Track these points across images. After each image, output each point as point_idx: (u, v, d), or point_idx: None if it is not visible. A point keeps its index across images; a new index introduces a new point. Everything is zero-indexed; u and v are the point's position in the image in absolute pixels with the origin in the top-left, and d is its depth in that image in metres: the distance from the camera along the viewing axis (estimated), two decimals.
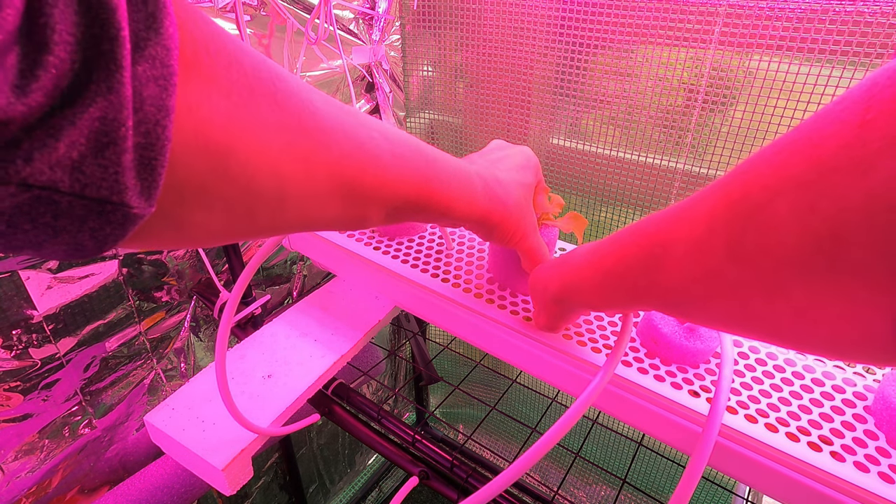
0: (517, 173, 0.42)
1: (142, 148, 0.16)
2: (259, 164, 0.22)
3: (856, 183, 0.16)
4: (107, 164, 0.16)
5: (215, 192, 0.21)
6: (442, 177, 0.33)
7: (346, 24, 0.80)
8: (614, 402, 0.43)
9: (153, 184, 0.17)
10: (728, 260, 0.22)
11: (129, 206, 0.17)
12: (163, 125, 0.17)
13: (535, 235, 0.43)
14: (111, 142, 0.15)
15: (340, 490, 1.24)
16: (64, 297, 0.56)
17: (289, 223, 0.26)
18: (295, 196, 0.24)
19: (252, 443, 0.50)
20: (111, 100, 0.15)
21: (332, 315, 0.66)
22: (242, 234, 0.25)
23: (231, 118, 0.20)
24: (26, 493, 0.58)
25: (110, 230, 0.17)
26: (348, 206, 0.28)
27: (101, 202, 0.16)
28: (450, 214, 0.35)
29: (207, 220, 0.22)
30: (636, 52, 0.65)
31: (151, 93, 0.16)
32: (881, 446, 0.37)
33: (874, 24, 0.51)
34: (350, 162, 0.27)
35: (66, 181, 0.15)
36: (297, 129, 0.23)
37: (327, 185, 0.26)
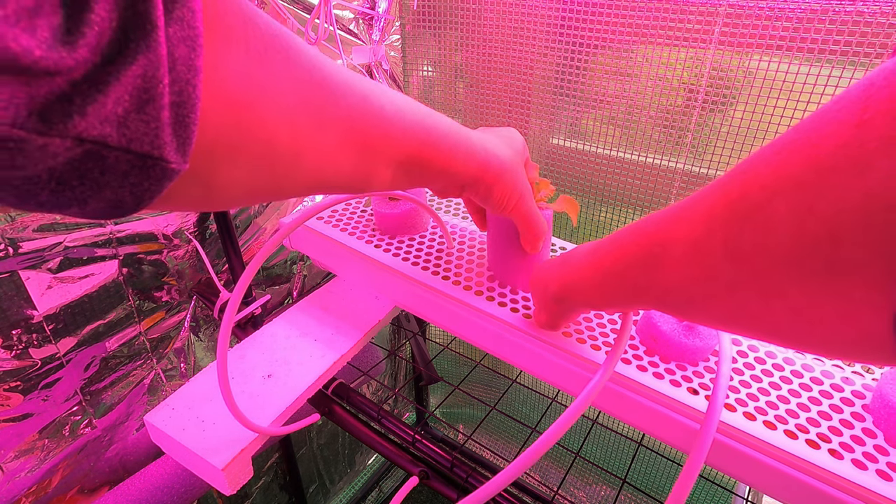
0: (506, 140, 0.43)
1: (176, 106, 0.17)
2: (277, 119, 0.23)
3: (853, 183, 0.16)
4: (148, 120, 0.16)
5: (239, 147, 0.22)
6: (441, 131, 0.34)
7: (346, 24, 0.80)
8: (613, 399, 0.44)
9: (187, 140, 0.18)
10: (726, 260, 0.22)
11: (168, 160, 0.18)
12: (193, 84, 0.18)
13: (531, 199, 0.44)
14: (151, 98, 0.16)
15: (340, 490, 1.24)
16: (64, 297, 0.56)
17: (305, 182, 0.27)
18: (310, 151, 0.25)
19: (252, 442, 0.50)
20: (150, 58, 0.16)
21: (332, 315, 0.66)
22: (264, 193, 0.26)
23: (250, 75, 0.21)
24: (26, 492, 0.58)
25: (148, 185, 0.18)
26: (358, 162, 0.29)
27: (143, 157, 0.17)
28: (450, 170, 0.36)
29: (233, 178, 0.23)
30: (636, 52, 0.65)
31: (182, 53, 0.17)
32: (879, 444, 0.37)
33: (874, 24, 0.51)
34: (358, 115, 0.28)
35: (115, 135, 0.16)
36: (308, 83, 0.24)
37: (338, 138, 0.27)
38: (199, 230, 0.69)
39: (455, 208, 0.69)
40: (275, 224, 0.79)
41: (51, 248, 0.53)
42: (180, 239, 0.67)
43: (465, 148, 0.37)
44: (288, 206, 0.80)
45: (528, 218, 0.44)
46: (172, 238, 0.66)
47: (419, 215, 0.61)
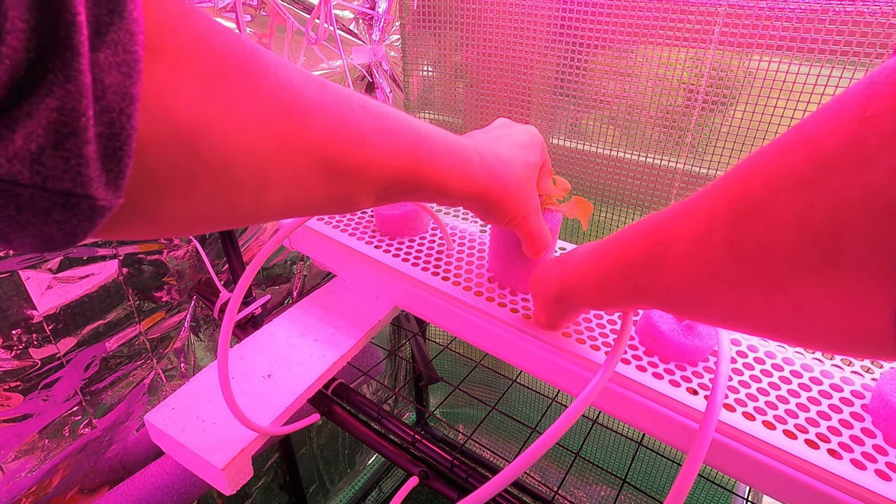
0: (520, 151, 0.40)
1: (106, 138, 0.16)
2: (234, 148, 0.21)
3: (855, 179, 0.16)
4: (68, 156, 0.15)
5: (190, 179, 0.20)
6: (433, 153, 0.32)
7: (346, 24, 0.80)
8: (612, 399, 0.44)
9: (119, 174, 0.17)
10: (728, 257, 0.22)
11: (95, 197, 0.16)
12: (128, 114, 0.16)
13: (537, 217, 0.42)
14: (71, 132, 0.15)
15: (340, 490, 1.24)
16: (64, 297, 0.56)
17: (273, 209, 0.25)
18: (276, 179, 0.24)
19: (252, 442, 0.50)
20: (69, 89, 0.15)
21: (332, 315, 0.66)
22: (225, 221, 0.24)
23: (201, 100, 0.19)
24: (26, 492, 0.58)
25: (77, 222, 0.17)
26: (333, 187, 0.27)
27: (64, 194, 0.16)
28: (445, 192, 0.34)
29: (184, 209, 0.21)
30: (636, 52, 0.65)
31: (114, 80, 0.16)
32: (878, 444, 0.37)
33: (874, 24, 0.51)
34: (331, 140, 0.25)
35: (26, 173, 0.15)
36: (272, 108, 0.22)
37: (308, 165, 0.25)
38: None
39: (456, 209, 0.69)
40: (275, 224, 0.79)
41: None
42: (180, 239, 0.67)
43: (462, 172, 0.34)
44: None
45: (530, 234, 0.43)
46: (172, 238, 0.66)
47: (420, 217, 0.61)
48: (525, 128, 0.43)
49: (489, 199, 0.37)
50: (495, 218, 0.39)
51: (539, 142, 0.43)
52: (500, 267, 0.53)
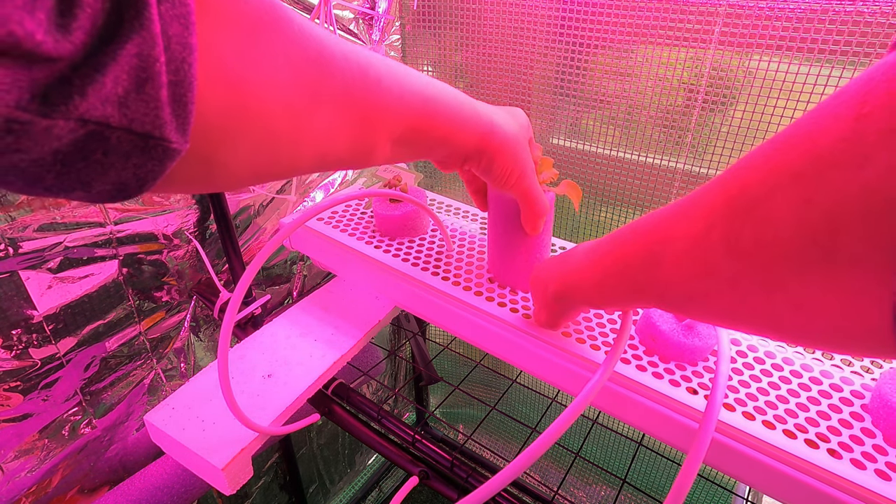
0: (510, 117, 0.42)
1: (174, 85, 0.17)
2: (272, 97, 0.23)
3: (853, 176, 0.17)
4: (148, 99, 0.16)
5: (238, 127, 0.22)
6: (442, 99, 0.34)
7: (346, 24, 0.80)
8: (612, 399, 0.44)
9: (186, 119, 0.18)
10: (726, 255, 0.22)
11: (169, 139, 0.18)
12: (188, 62, 0.17)
13: (533, 176, 0.43)
14: (149, 77, 0.16)
15: (340, 490, 1.24)
16: (64, 297, 0.56)
17: (307, 162, 0.27)
18: (307, 127, 0.25)
19: (252, 442, 0.50)
20: (144, 36, 0.16)
21: (332, 315, 0.66)
22: (267, 173, 0.26)
23: (242, 53, 0.21)
24: (26, 492, 0.58)
25: (151, 166, 0.18)
26: (357, 135, 0.29)
27: (145, 137, 0.17)
28: (450, 140, 0.36)
29: (234, 157, 0.23)
30: (636, 52, 0.65)
31: (176, 31, 0.17)
32: (878, 444, 0.37)
33: (874, 24, 0.51)
34: (355, 89, 0.27)
35: (116, 115, 0.16)
36: (301, 59, 0.24)
37: (335, 113, 0.27)
38: (199, 230, 0.69)
39: (455, 209, 0.69)
40: (275, 224, 0.80)
41: (51, 248, 0.53)
42: (180, 239, 0.67)
43: (466, 116, 0.36)
44: (288, 206, 0.80)
45: (529, 194, 0.43)
46: (172, 238, 0.66)
47: (419, 217, 0.61)
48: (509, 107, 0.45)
49: (491, 145, 0.39)
50: (496, 171, 0.41)
51: (525, 116, 0.45)
52: (500, 259, 0.53)
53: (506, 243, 0.51)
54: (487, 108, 0.39)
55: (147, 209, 0.61)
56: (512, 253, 0.51)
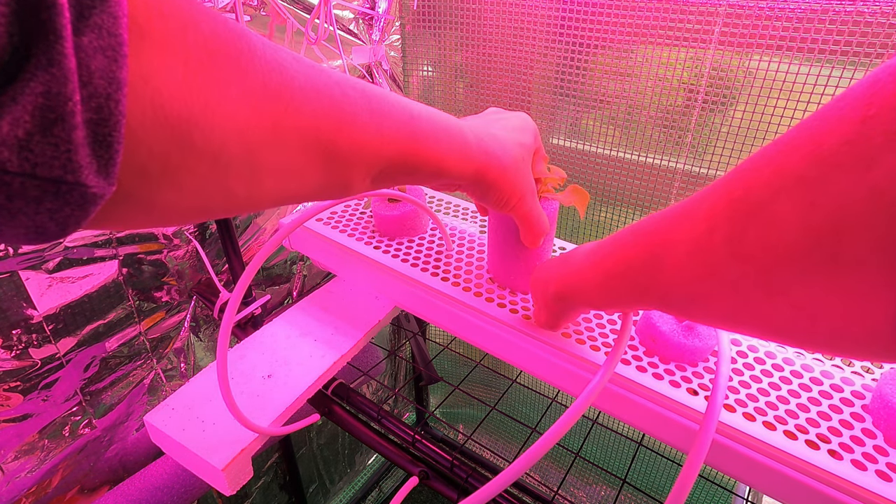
0: (514, 133, 0.40)
1: (94, 124, 0.16)
2: (225, 134, 0.21)
3: (858, 178, 0.16)
4: (57, 142, 0.15)
5: (182, 166, 0.20)
6: (428, 132, 0.32)
7: (346, 24, 0.80)
8: (613, 400, 0.44)
9: (110, 161, 0.16)
10: (729, 258, 0.22)
11: (86, 185, 0.16)
12: (115, 99, 0.16)
13: (533, 199, 0.42)
14: (58, 118, 0.15)
15: (340, 490, 1.24)
16: (64, 297, 0.56)
17: (268, 196, 0.25)
18: (268, 165, 0.23)
19: (252, 443, 0.50)
20: (53, 73, 0.14)
21: (332, 315, 0.66)
22: (220, 209, 0.24)
23: (190, 86, 0.19)
24: (26, 492, 0.58)
25: (70, 211, 0.16)
26: (327, 172, 0.27)
27: (55, 182, 0.15)
28: (442, 173, 0.34)
29: (178, 197, 0.21)
30: (636, 52, 0.65)
31: (100, 65, 0.15)
32: (879, 445, 0.37)
33: (874, 24, 0.51)
34: (324, 123, 0.25)
35: (15, 160, 0.14)
36: (263, 92, 0.22)
37: (301, 149, 0.25)
38: (199, 230, 0.69)
39: (455, 209, 0.69)
40: (275, 224, 0.79)
41: (51, 248, 0.53)
42: (180, 239, 0.67)
43: (458, 151, 0.34)
44: (288, 206, 0.80)
45: (528, 217, 0.43)
46: (172, 238, 0.66)
47: (419, 217, 0.61)
48: (517, 114, 0.44)
49: (486, 178, 0.37)
50: (492, 199, 0.39)
51: (532, 126, 0.43)
52: (500, 263, 0.53)
53: (505, 251, 0.51)
54: (481, 134, 0.37)
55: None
56: (512, 259, 0.51)
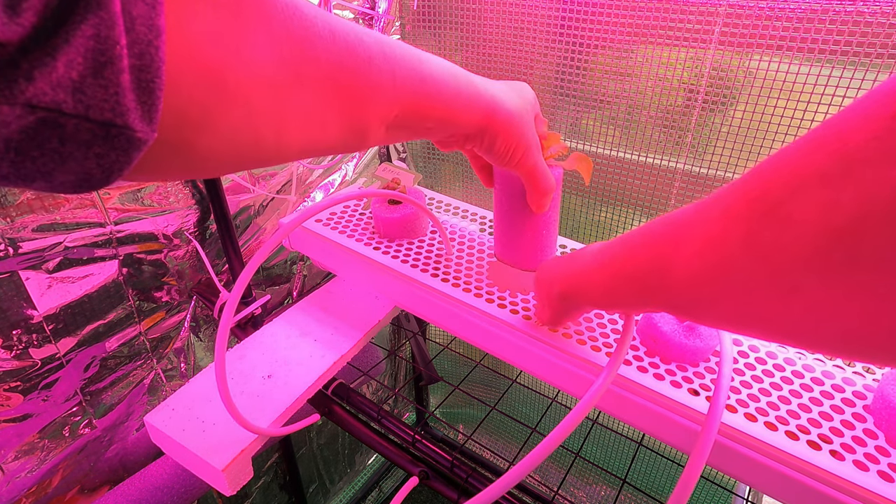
0: (515, 89, 0.41)
1: (138, 70, 0.16)
2: (253, 80, 0.22)
3: (884, 174, 0.16)
4: (107, 84, 0.15)
5: (217, 112, 0.21)
6: (437, 75, 0.32)
7: None
8: (614, 401, 0.43)
9: (153, 106, 0.17)
10: (744, 258, 0.22)
11: (133, 129, 0.17)
12: (155, 45, 0.16)
13: (538, 153, 0.42)
14: (108, 60, 0.15)
15: (340, 490, 1.23)
16: (64, 297, 0.56)
17: (294, 145, 0.26)
18: (292, 112, 0.24)
19: (252, 443, 0.50)
20: (101, 16, 0.15)
21: (332, 315, 0.66)
22: (250, 160, 0.25)
23: (221, 34, 0.20)
24: (26, 492, 0.58)
25: (115, 156, 0.17)
26: (348, 120, 0.28)
27: (105, 125, 0.16)
28: (452, 119, 0.34)
29: (213, 145, 0.22)
30: (636, 52, 0.65)
31: (141, 12, 0.16)
32: (881, 445, 0.37)
33: (874, 24, 0.51)
34: (343, 71, 0.26)
35: (70, 102, 0.15)
36: (285, 39, 0.23)
37: (322, 96, 0.25)
38: (199, 230, 0.69)
39: (455, 209, 0.69)
40: (275, 224, 0.79)
41: (51, 248, 0.53)
42: (180, 239, 0.67)
43: (467, 95, 0.35)
44: (288, 206, 0.80)
45: (534, 172, 0.42)
46: (172, 238, 0.66)
47: (418, 219, 0.61)
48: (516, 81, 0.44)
49: (494, 124, 0.37)
50: (499, 150, 0.39)
51: (531, 92, 0.43)
52: (506, 236, 0.51)
53: (511, 221, 0.50)
54: (489, 85, 0.38)
55: (147, 209, 0.61)
56: (518, 231, 0.50)
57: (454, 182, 0.96)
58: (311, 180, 0.84)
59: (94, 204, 0.56)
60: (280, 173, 0.76)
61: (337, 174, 0.89)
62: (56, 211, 0.53)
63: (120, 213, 0.59)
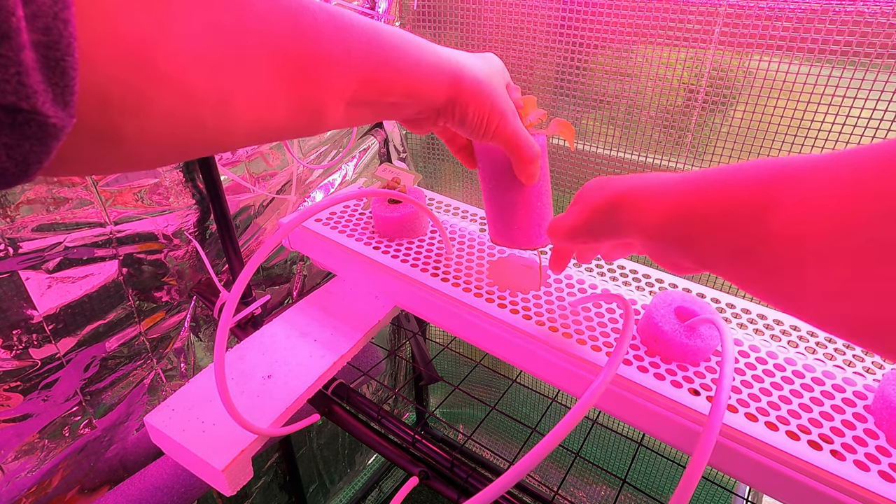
0: (482, 60, 0.38)
1: (44, 47, 0.14)
2: (186, 56, 0.19)
3: None
4: (5, 63, 0.13)
5: (145, 93, 0.18)
6: (396, 44, 0.30)
7: None
8: (614, 401, 0.43)
9: (67, 88, 0.15)
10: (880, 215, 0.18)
11: (44, 114, 0.15)
12: (63, 19, 0.14)
13: (516, 119, 0.38)
14: (3, 35, 0.13)
15: (340, 490, 1.23)
16: (64, 297, 0.56)
17: (240, 127, 0.23)
18: (236, 91, 0.22)
19: (252, 443, 0.50)
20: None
21: (332, 315, 0.66)
22: (193, 147, 0.23)
23: (144, 4, 0.18)
24: (26, 492, 0.58)
25: (29, 146, 0.15)
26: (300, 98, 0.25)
27: (9, 110, 0.14)
28: (414, 92, 0.31)
29: (146, 130, 0.19)
30: (636, 52, 0.65)
31: None
32: (881, 445, 0.37)
33: (874, 24, 0.51)
34: (290, 42, 0.24)
35: None
36: (223, 11, 0.21)
37: (269, 72, 0.23)
38: (199, 230, 0.69)
39: (454, 209, 0.69)
40: (275, 224, 0.79)
41: (51, 248, 0.53)
42: (180, 239, 0.67)
43: (429, 63, 0.32)
44: (288, 206, 0.80)
45: (514, 139, 0.38)
46: (172, 238, 0.66)
47: (418, 219, 0.61)
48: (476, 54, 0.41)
49: (462, 94, 0.34)
50: (472, 122, 0.36)
51: (496, 58, 0.41)
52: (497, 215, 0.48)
53: (501, 199, 0.46)
54: (453, 53, 0.35)
55: (147, 209, 0.61)
56: (511, 208, 0.46)
57: (454, 182, 0.96)
58: (311, 180, 0.84)
59: (94, 204, 0.56)
60: (280, 173, 0.76)
61: (337, 174, 0.89)
62: (56, 211, 0.53)
63: (120, 212, 0.59)
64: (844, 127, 0.56)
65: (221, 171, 0.64)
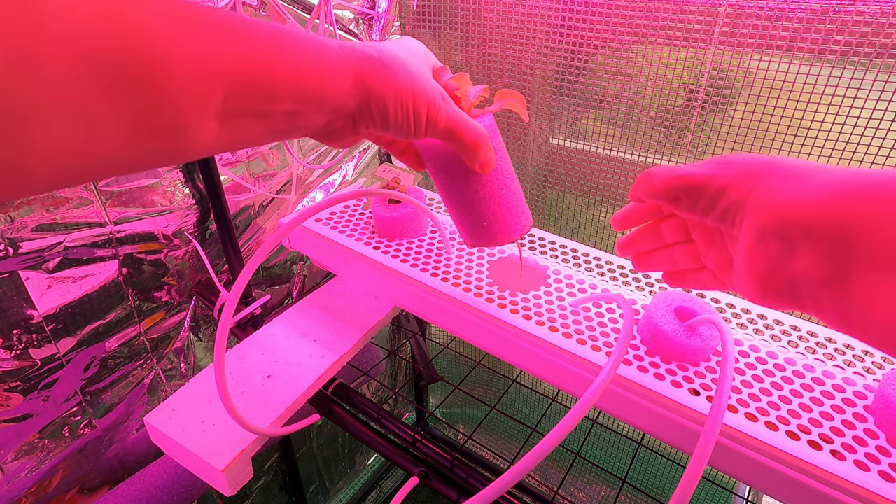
0: (395, 45, 0.33)
1: None
2: None
3: None
4: None
5: None
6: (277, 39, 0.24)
7: (346, 24, 0.80)
8: (614, 400, 0.43)
9: None
10: None
11: None
12: None
13: (448, 103, 0.33)
14: None
15: (340, 490, 1.23)
16: (64, 297, 0.56)
17: (45, 165, 0.17)
18: (29, 103, 0.16)
19: (252, 443, 0.50)
20: None
21: (332, 315, 0.66)
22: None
23: None
24: (26, 492, 0.58)
25: None
26: (134, 111, 0.19)
27: None
28: (311, 94, 0.25)
29: None
30: (636, 52, 0.65)
31: None
32: (881, 445, 0.37)
33: (874, 24, 0.51)
34: (100, 35, 0.17)
35: None
36: None
37: (81, 75, 0.17)
38: (199, 230, 0.69)
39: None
40: (275, 224, 0.79)
41: (51, 248, 0.53)
42: (180, 239, 0.67)
43: (320, 54, 0.26)
44: (288, 206, 0.80)
45: (452, 126, 0.33)
46: (172, 238, 0.66)
47: (418, 218, 0.61)
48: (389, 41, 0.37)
49: (374, 89, 0.28)
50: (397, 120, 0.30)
51: (415, 42, 0.36)
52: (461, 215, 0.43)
53: (461, 197, 0.41)
54: (355, 43, 0.29)
55: (147, 209, 0.61)
56: (474, 205, 0.41)
57: None
58: (311, 180, 0.84)
59: (94, 204, 0.56)
60: (280, 173, 0.76)
61: (337, 174, 0.89)
62: (56, 211, 0.53)
63: (120, 212, 0.59)
64: (844, 127, 0.56)
65: (221, 171, 0.64)
